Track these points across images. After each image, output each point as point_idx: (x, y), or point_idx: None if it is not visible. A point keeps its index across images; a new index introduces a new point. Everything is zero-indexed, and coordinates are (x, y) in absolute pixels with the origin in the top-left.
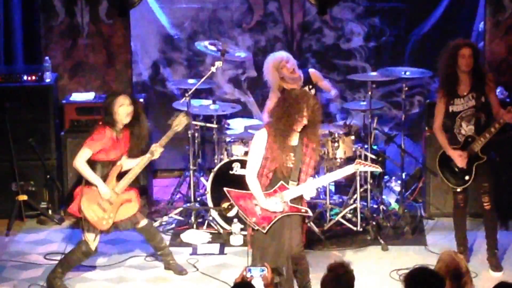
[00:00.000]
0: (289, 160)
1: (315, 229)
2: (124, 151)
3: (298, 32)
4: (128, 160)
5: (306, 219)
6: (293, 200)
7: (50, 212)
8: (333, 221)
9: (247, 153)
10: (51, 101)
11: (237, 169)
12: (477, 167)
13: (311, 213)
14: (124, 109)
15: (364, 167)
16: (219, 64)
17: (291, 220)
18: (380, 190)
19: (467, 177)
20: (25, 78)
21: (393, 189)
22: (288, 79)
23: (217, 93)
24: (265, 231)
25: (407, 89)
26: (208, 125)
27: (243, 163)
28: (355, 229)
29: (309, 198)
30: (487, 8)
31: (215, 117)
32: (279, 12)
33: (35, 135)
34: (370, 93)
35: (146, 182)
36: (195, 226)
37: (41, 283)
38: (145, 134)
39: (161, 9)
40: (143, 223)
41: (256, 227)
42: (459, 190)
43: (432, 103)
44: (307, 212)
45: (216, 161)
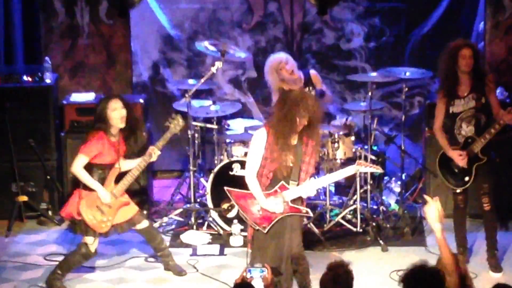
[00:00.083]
0: (289, 159)
1: (315, 230)
2: (121, 154)
3: (298, 32)
4: (126, 161)
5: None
6: (294, 200)
7: (50, 213)
8: (333, 222)
9: (247, 154)
10: (51, 101)
11: (237, 170)
12: (477, 168)
13: (311, 214)
14: (117, 113)
15: (365, 168)
16: (219, 64)
17: (291, 220)
18: (380, 191)
19: (467, 178)
20: (25, 78)
21: (393, 190)
22: (287, 81)
23: (217, 94)
24: (265, 231)
25: (407, 89)
26: (208, 126)
27: (243, 164)
28: (355, 230)
29: (305, 196)
30: (487, 8)
31: (215, 118)
32: (279, 12)
33: (35, 136)
34: (370, 93)
35: (146, 183)
36: (195, 227)
37: (41, 284)
38: (140, 135)
39: (161, 9)
40: (143, 225)
41: (256, 227)
42: (459, 191)
43: (432, 104)
44: (307, 212)
45: (216, 162)
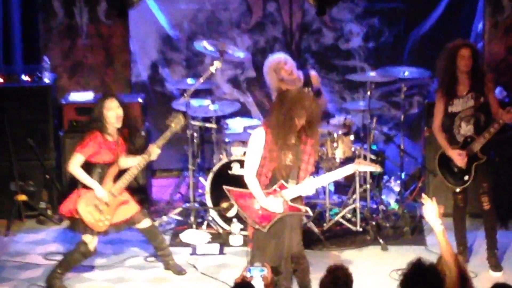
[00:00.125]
0: (288, 159)
1: (315, 229)
2: (121, 152)
3: (297, 32)
4: (127, 158)
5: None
6: (293, 199)
7: (49, 212)
8: (333, 221)
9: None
10: (50, 101)
11: (236, 169)
12: (477, 167)
13: (311, 213)
14: (113, 113)
15: (363, 166)
16: (218, 64)
17: (291, 219)
18: (379, 190)
19: (467, 177)
20: (24, 78)
21: (393, 189)
22: (286, 81)
23: (216, 93)
24: (265, 230)
25: (406, 89)
26: (207, 125)
27: (242, 163)
28: (354, 229)
29: (305, 195)
30: (486, 8)
31: (213, 117)
32: (278, 12)
33: (34, 135)
34: (369, 93)
35: (145, 182)
36: (194, 226)
37: (41, 283)
38: (138, 135)
39: (160, 9)
40: (145, 224)
41: (256, 226)
42: (458, 190)
43: (431, 103)
44: (307, 211)
45: (215, 161)
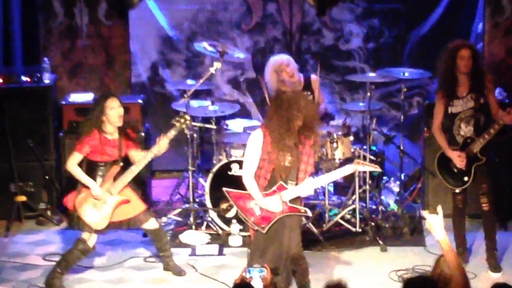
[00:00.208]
0: (287, 160)
1: (314, 229)
2: (123, 151)
3: (297, 33)
4: (138, 153)
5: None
6: (292, 200)
7: (49, 213)
8: (332, 222)
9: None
10: (49, 102)
11: (235, 170)
12: (476, 168)
13: (310, 213)
14: (115, 112)
15: (363, 167)
16: (218, 65)
17: (290, 220)
18: (379, 191)
19: (466, 178)
20: (24, 79)
21: (392, 190)
22: (287, 83)
23: (216, 94)
24: (264, 231)
25: (406, 90)
26: (207, 126)
27: (242, 164)
28: (354, 229)
29: (304, 195)
30: (486, 9)
31: (213, 118)
32: (278, 13)
33: (34, 136)
34: (369, 94)
35: (144, 183)
36: (194, 227)
37: (40, 284)
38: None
39: (160, 10)
40: (152, 225)
41: (255, 227)
42: (458, 191)
43: (431, 104)
44: (306, 212)
45: (214, 162)
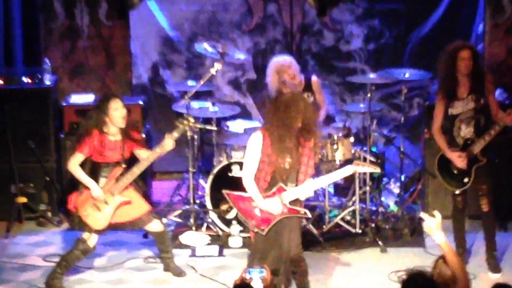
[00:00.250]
0: (286, 162)
1: (314, 231)
2: (126, 153)
3: (297, 34)
4: (143, 151)
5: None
6: (292, 202)
7: (49, 214)
8: (332, 223)
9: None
10: (50, 103)
11: (236, 171)
12: (476, 169)
13: (309, 215)
14: (118, 113)
15: (362, 167)
16: (218, 66)
17: (290, 222)
18: (379, 192)
19: (466, 180)
20: (25, 80)
21: (392, 191)
22: (287, 84)
23: (217, 95)
24: (264, 233)
25: (406, 91)
26: (207, 127)
27: (242, 166)
28: (354, 231)
29: (304, 198)
30: (487, 10)
31: (214, 119)
32: (278, 14)
33: (35, 137)
34: (369, 95)
35: (145, 184)
36: (194, 228)
37: (40, 285)
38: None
39: (160, 11)
40: (156, 227)
41: (255, 230)
42: (458, 192)
43: (431, 105)
44: (305, 213)
45: (215, 163)
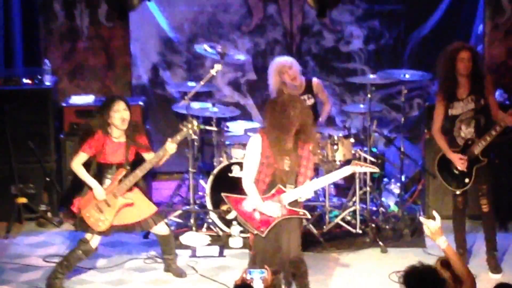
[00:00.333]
0: (286, 164)
1: (314, 231)
2: (130, 155)
3: (297, 35)
4: (150, 155)
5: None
6: (291, 203)
7: (49, 214)
8: (332, 223)
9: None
10: (50, 104)
11: (236, 172)
12: (477, 169)
13: (309, 216)
14: (118, 115)
15: (361, 168)
16: (218, 67)
17: (289, 223)
18: (379, 192)
19: (467, 180)
20: (25, 81)
21: (393, 192)
22: (288, 85)
23: (217, 96)
24: (263, 235)
25: (406, 91)
26: (207, 128)
27: (243, 166)
28: (354, 231)
29: (303, 199)
30: (486, 11)
31: (214, 120)
32: (278, 15)
33: (35, 138)
34: (369, 95)
35: (145, 184)
36: (194, 228)
37: (41, 285)
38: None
39: (160, 12)
40: (161, 229)
41: (255, 231)
42: (458, 192)
43: (431, 106)
44: (305, 214)
45: (215, 163)
